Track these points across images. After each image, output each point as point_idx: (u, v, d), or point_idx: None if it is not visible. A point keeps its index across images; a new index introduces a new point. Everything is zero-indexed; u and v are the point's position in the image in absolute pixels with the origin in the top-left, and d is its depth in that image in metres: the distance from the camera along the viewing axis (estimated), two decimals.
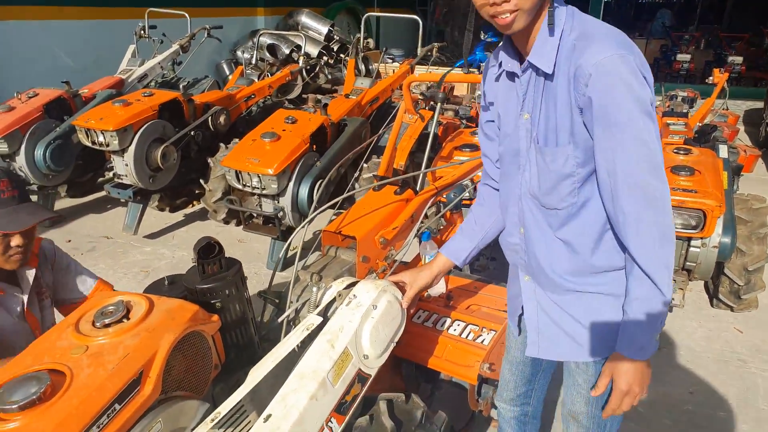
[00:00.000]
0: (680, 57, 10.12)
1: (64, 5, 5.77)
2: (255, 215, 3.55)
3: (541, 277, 1.36)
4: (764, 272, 3.08)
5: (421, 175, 2.04)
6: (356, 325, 1.45)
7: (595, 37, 1.09)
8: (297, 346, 1.44)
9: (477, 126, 3.45)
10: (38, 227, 1.59)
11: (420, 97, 2.74)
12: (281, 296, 1.69)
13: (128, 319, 1.26)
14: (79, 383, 1.09)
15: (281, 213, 3.29)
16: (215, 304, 1.42)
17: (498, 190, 1.48)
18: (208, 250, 1.41)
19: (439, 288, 2.14)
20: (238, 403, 1.29)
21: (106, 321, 1.23)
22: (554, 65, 1.13)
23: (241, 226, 3.66)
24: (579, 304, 1.32)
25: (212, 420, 1.24)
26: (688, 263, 2.73)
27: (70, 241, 4.23)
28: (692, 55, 10.43)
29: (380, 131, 3.10)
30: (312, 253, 1.89)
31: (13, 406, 1.03)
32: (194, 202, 4.89)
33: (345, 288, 1.57)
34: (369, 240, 1.79)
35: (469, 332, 1.99)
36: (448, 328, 2.02)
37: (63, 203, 4.93)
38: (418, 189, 2.02)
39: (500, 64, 1.29)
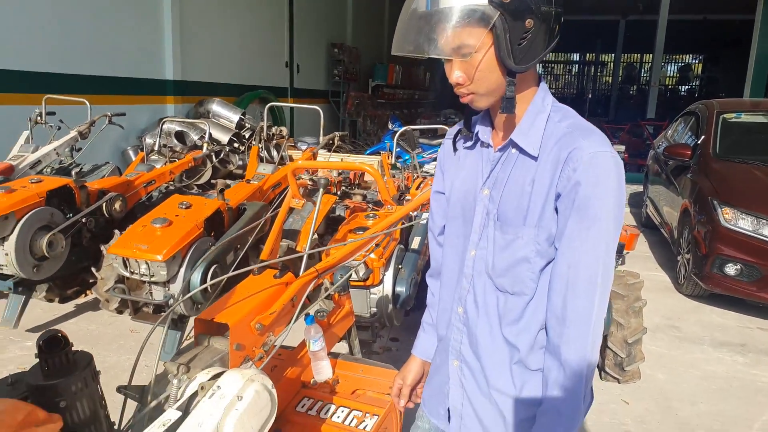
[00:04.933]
0: None
1: None
2: (145, 305, 3.38)
3: (474, 369, 1.28)
4: (642, 344, 3.28)
5: (304, 258, 2.05)
6: (218, 419, 1.38)
7: (591, 130, 1.12)
8: None
9: (379, 209, 3.57)
10: None
11: (309, 183, 2.81)
12: (143, 390, 1.59)
13: None
14: None
15: (171, 301, 3.16)
16: (59, 403, 1.31)
17: None
18: (53, 343, 1.33)
19: (326, 373, 2.10)
20: None
21: None
22: (539, 148, 1.14)
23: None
24: (505, 402, 1.25)
25: None
26: None
27: None
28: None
29: (267, 214, 3.12)
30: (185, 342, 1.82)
31: None
32: (87, 292, 4.60)
33: (210, 379, 1.50)
34: (244, 326, 1.75)
35: (353, 419, 1.95)
36: (331, 416, 1.97)
37: None
38: (300, 272, 2.02)
39: (476, 135, 1.27)
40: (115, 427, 1.56)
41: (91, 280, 4.52)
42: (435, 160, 9.09)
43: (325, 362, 2.09)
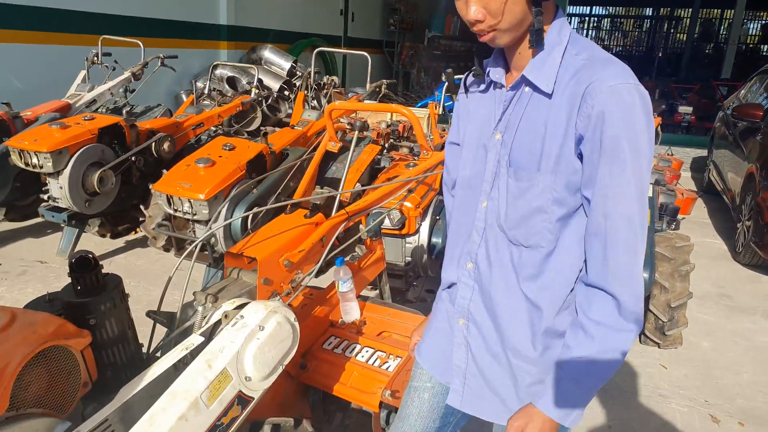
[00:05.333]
0: None
1: (19, 29, 5.73)
2: (188, 242, 3.49)
3: (484, 328, 1.20)
4: (687, 310, 3.15)
5: (337, 199, 2.04)
6: (239, 346, 1.41)
7: (610, 60, 1.01)
8: (176, 366, 1.39)
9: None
10: None
11: (347, 127, 2.77)
12: (171, 316, 1.65)
13: None
14: None
15: (213, 239, 3.24)
16: (89, 321, 1.37)
17: None
18: (84, 264, 1.37)
19: (353, 314, 2.12)
20: (103, 422, 1.24)
21: None
22: (554, 84, 1.03)
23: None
24: (519, 364, 1.17)
25: None
26: None
27: (0, 264, 4.08)
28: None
29: (304, 156, 3.12)
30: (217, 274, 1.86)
31: None
32: (137, 229, 4.79)
33: (234, 309, 1.54)
34: (272, 262, 1.77)
35: (376, 359, 1.96)
36: (356, 355, 2.00)
37: (0, 227, 4.78)
38: (331, 214, 2.02)
39: (487, 74, 1.17)
40: (144, 350, 1.63)
41: (140, 218, 4.70)
42: None
43: (353, 304, 2.11)
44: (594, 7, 30.51)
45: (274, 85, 7.69)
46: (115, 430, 1.27)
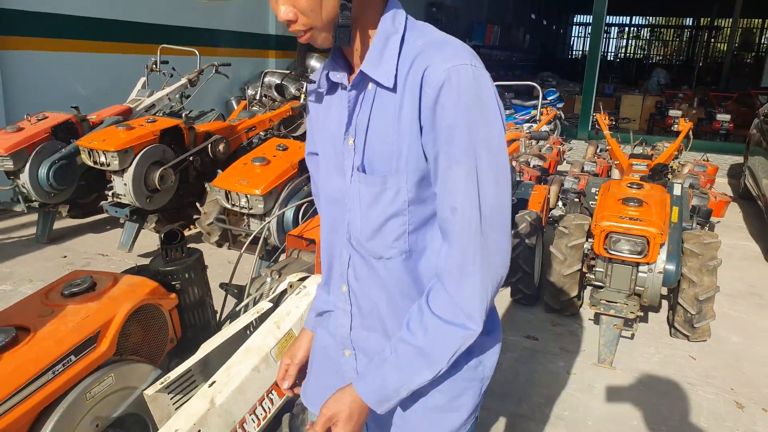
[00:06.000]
0: (672, 113, 10.51)
1: (80, 39, 6.15)
2: (243, 236, 3.74)
3: (373, 353, 1.05)
4: (718, 306, 3.22)
5: None
6: (302, 310, 1.61)
7: (447, 42, 0.93)
8: (251, 326, 1.60)
9: None
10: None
11: None
12: (240, 288, 1.86)
13: (93, 290, 1.43)
14: (41, 337, 1.26)
15: (267, 233, 3.47)
16: (175, 286, 1.59)
17: None
18: (172, 237, 1.59)
19: None
20: (186, 371, 1.45)
21: (74, 290, 1.41)
22: (395, 76, 0.93)
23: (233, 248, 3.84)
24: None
25: (161, 383, 1.39)
26: (637, 288, 2.92)
27: (65, 256, 4.42)
28: (684, 112, 10.86)
29: None
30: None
31: None
32: (191, 226, 5.09)
33: (298, 280, 1.73)
34: None
35: None
36: None
37: (64, 223, 5.14)
38: None
39: (327, 77, 1.04)
40: (217, 316, 1.84)
41: (194, 216, 5.00)
42: (527, 121, 8.92)
43: None
44: (634, 17, 30.16)
45: None
46: (197, 379, 1.48)
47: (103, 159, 3.96)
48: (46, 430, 1.16)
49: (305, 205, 3.50)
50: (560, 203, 4.69)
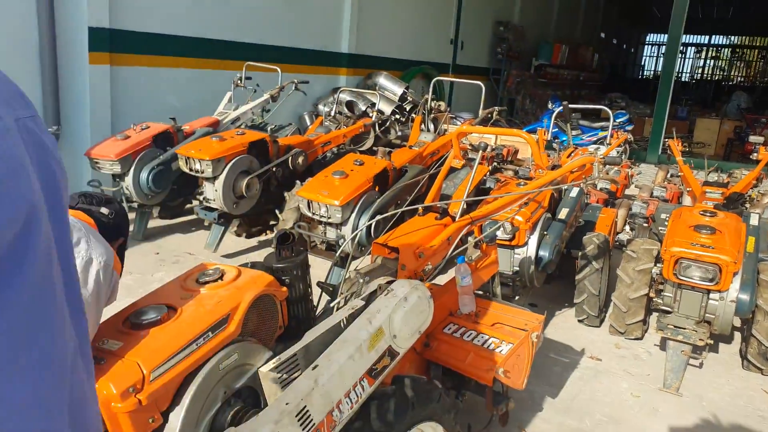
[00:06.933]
0: (752, 138, 10.12)
1: (177, 56, 6.70)
2: (319, 242, 4.01)
3: None
4: None
5: (461, 205, 2.41)
6: (390, 310, 1.81)
7: None
8: (343, 321, 1.82)
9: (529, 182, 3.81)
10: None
11: (469, 147, 3.14)
12: (335, 287, 2.09)
13: (222, 280, 1.69)
14: (186, 315, 1.52)
15: (342, 240, 3.73)
16: (285, 280, 1.83)
17: None
18: (285, 238, 1.84)
19: (470, 307, 2.47)
20: (293, 355, 1.68)
21: (206, 279, 1.67)
22: None
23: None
24: None
25: (273, 363, 1.63)
26: (707, 315, 2.94)
27: (158, 253, 4.83)
28: (766, 138, 10.42)
29: (431, 170, 3.53)
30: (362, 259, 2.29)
31: (143, 323, 1.47)
32: (268, 231, 5.44)
33: (385, 283, 1.95)
34: (410, 252, 2.18)
35: (491, 343, 2.30)
36: (473, 339, 2.34)
37: (155, 222, 5.60)
38: (456, 218, 2.39)
39: None
40: (315, 311, 2.08)
41: (272, 222, 5.35)
42: (594, 143, 8.88)
43: (471, 297, 2.46)
44: (713, 36, 28.97)
45: (387, 109, 8.28)
46: (300, 362, 1.70)
47: (197, 166, 4.34)
48: (190, 391, 1.40)
49: (377, 217, 3.73)
50: (627, 227, 4.72)
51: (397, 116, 8.40)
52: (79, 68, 5.49)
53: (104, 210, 1.58)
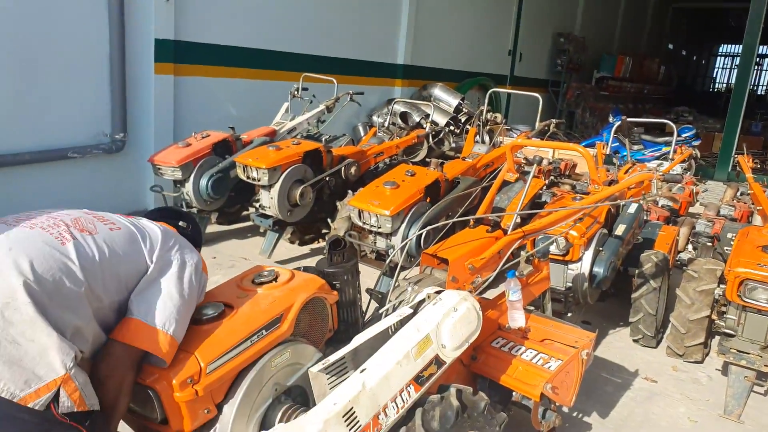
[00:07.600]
0: None
1: (236, 67, 6.95)
2: (369, 251, 4.06)
3: None
4: None
5: (513, 218, 2.40)
6: (438, 319, 1.82)
7: None
8: (392, 327, 1.84)
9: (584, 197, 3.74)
10: None
11: (523, 161, 3.12)
12: (384, 295, 2.12)
13: (276, 281, 1.75)
14: (242, 313, 1.59)
15: (391, 250, 3.76)
16: (335, 285, 1.88)
17: None
18: (337, 244, 1.89)
19: (519, 321, 2.44)
20: (342, 357, 1.71)
21: (262, 280, 1.74)
22: None
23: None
24: None
25: (322, 364, 1.67)
26: None
27: (215, 257, 5.00)
28: None
29: (484, 182, 3.51)
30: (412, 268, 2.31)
31: (203, 318, 1.55)
32: (320, 240, 5.54)
33: (435, 292, 1.96)
34: (459, 264, 2.18)
35: (539, 359, 2.26)
36: (521, 354, 2.31)
37: (212, 228, 5.80)
38: (507, 231, 2.38)
39: None
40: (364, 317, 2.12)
41: (324, 231, 5.45)
42: (657, 158, 8.57)
43: (520, 312, 2.43)
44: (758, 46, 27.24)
45: (441, 120, 8.29)
46: (348, 365, 1.74)
47: (254, 174, 4.48)
48: (244, 386, 1.47)
49: (427, 228, 3.74)
50: (690, 246, 4.53)
51: (452, 128, 8.40)
52: (145, 78, 5.77)
53: (182, 223, 1.73)
